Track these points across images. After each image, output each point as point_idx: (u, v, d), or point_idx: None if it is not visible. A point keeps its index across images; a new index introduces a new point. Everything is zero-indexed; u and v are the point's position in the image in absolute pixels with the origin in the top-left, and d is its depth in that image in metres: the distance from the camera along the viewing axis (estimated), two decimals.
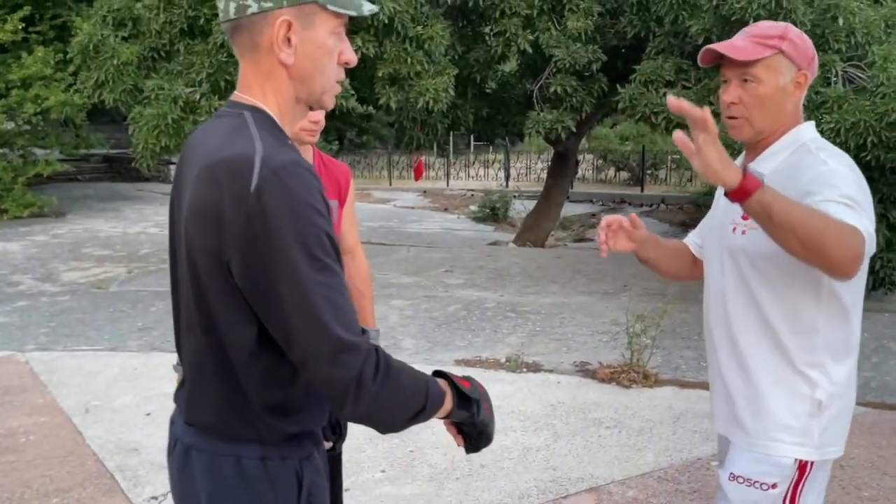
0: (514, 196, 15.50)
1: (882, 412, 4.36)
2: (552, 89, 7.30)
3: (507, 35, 7.12)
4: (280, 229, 1.07)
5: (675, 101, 1.43)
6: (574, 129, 7.82)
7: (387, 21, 5.87)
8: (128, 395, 4.58)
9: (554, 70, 7.30)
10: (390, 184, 19.93)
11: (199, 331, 1.19)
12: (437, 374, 1.31)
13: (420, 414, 1.19)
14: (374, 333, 2.49)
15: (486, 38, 7.41)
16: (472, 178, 20.57)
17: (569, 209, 13.97)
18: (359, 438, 3.92)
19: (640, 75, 6.73)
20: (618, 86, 7.01)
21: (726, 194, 1.44)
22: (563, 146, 9.98)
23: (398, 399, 1.16)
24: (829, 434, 1.68)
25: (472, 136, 21.15)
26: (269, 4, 1.16)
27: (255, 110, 1.20)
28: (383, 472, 3.60)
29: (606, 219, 1.90)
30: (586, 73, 7.43)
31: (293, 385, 1.22)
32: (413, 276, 8.23)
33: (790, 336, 1.66)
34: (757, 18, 5.76)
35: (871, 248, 1.47)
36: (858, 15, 6.12)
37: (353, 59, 1.25)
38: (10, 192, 11.79)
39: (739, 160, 1.79)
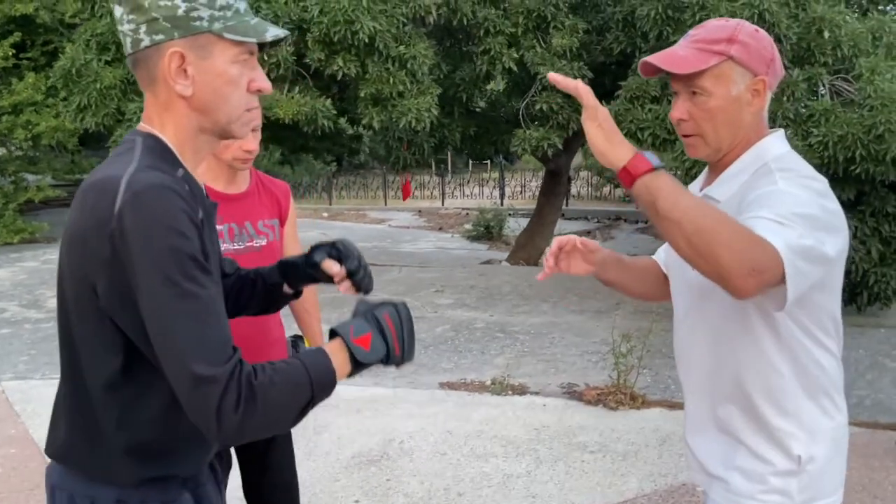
0: (509, 214, 15.44)
1: (875, 432, 4.24)
2: (538, 107, 7.25)
3: (492, 53, 7.08)
4: (140, 253, 1.05)
5: (554, 76, 1.32)
6: (562, 147, 7.76)
7: (367, 41, 5.82)
8: None
9: (540, 88, 7.25)
10: (385, 203, 19.89)
11: (63, 360, 1.19)
12: (333, 333, 1.24)
13: (309, 405, 1.14)
14: None
15: (473, 56, 7.37)
16: (468, 196, 20.53)
17: (564, 226, 13.90)
18: (334, 467, 3.81)
19: (626, 91, 6.68)
20: (603, 102, 6.95)
21: (619, 179, 1.30)
22: (554, 164, 9.92)
23: (273, 413, 1.10)
24: (815, 488, 1.46)
25: (468, 155, 21.16)
26: (161, 37, 1.14)
27: (148, 136, 1.19)
28: (357, 501, 3.49)
29: (558, 240, 1.69)
30: None
31: (156, 426, 1.17)
32: (403, 297, 8.11)
33: (756, 384, 1.45)
34: None
35: (812, 268, 1.26)
36: (844, 27, 6.07)
37: (265, 86, 1.22)
38: (1, 218, 11.75)
39: (701, 178, 1.60)
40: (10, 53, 11.78)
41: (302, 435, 4.00)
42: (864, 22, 6.49)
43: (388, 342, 1.23)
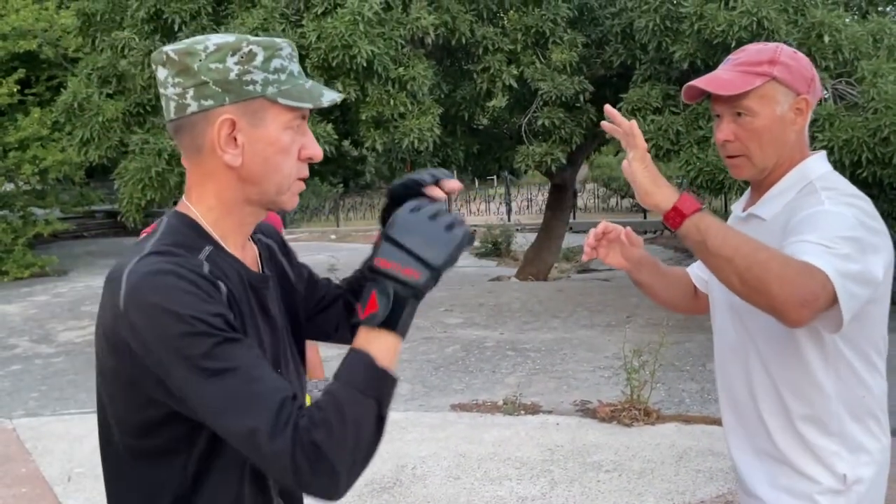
0: (517, 229, 15.41)
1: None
2: (540, 122, 7.24)
3: (492, 71, 7.09)
4: (156, 345, 0.99)
5: (611, 110, 1.38)
6: (565, 161, 7.74)
7: (366, 64, 5.83)
8: None
9: (541, 103, 7.24)
10: None
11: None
12: (356, 324, 1.07)
13: (381, 411, 1.02)
14: (323, 384, 2.46)
15: (473, 75, 7.38)
16: (474, 213, 20.53)
17: (572, 240, 13.84)
18: (347, 496, 3.75)
19: (627, 103, 6.66)
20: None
21: (663, 219, 1.32)
22: (559, 178, 9.89)
23: (351, 452, 0.99)
24: None
25: (472, 172, 21.21)
26: (210, 103, 1.06)
27: (175, 214, 1.13)
28: None
29: (605, 224, 1.66)
30: (574, 105, 7.37)
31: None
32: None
33: (799, 403, 1.45)
34: (739, 41, 5.69)
35: (862, 289, 1.28)
36: (844, 31, 6.04)
37: (317, 153, 1.14)
38: (11, 253, 11.82)
39: (745, 196, 1.62)
40: (16, 90, 11.90)
41: None
42: (864, 25, 6.45)
43: (399, 279, 1.02)
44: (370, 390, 1.01)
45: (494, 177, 22.70)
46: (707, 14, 5.86)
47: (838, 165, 5.73)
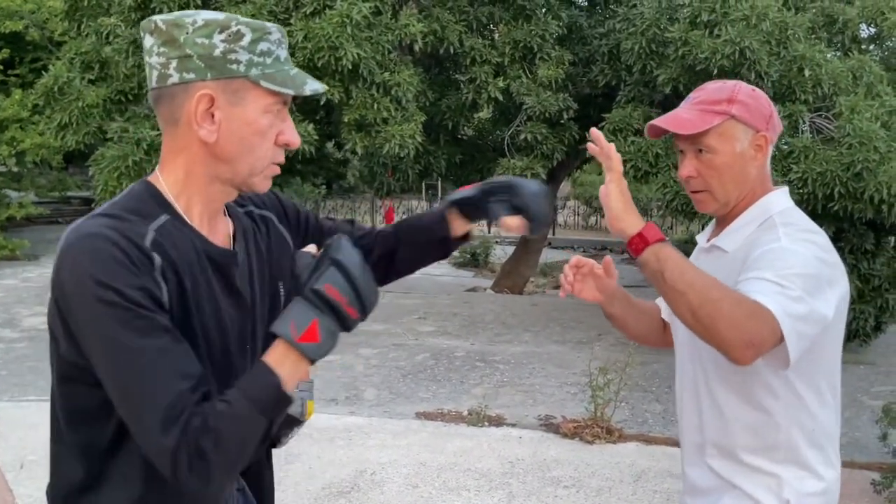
0: (496, 241, 15.44)
1: (852, 471, 4.19)
2: (523, 136, 7.28)
3: (479, 82, 7.13)
4: (76, 308, 1.01)
5: (596, 132, 1.43)
6: (546, 177, 7.78)
7: (351, 67, 5.84)
8: None
9: (525, 118, 7.29)
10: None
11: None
12: (273, 335, 1.09)
13: (269, 430, 1.06)
14: (306, 385, 2.41)
15: (459, 85, 7.41)
16: None
17: (550, 255, 13.91)
18: (303, 498, 3.74)
19: (610, 123, 6.72)
20: (587, 134, 7.01)
21: (626, 245, 1.36)
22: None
23: (229, 459, 1.03)
24: None
25: (454, 182, 21.22)
26: (192, 76, 1.07)
27: (142, 182, 1.14)
28: None
29: (577, 259, 1.67)
30: (558, 121, 7.42)
31: (149, 483, 1.11)
32: (384, 324, 8.07)
33: (747, 433, 1.48)
34: (720, 69, 5.77)
35: (810, 328, 1.31)
36: (825, 66, 6.15)
37: (294, 140, 1.14)
38: None
39: (709, 229, 1.64)
40: None
41: (272, 464, 3.92)
42: (845, 61, 6.58)
43: (341, 315, 1.06)
44: (268, 411, 1.04)
45: None
46: (692, 40, 5.94)
47: (811, 197, 5.83)
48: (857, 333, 6.52)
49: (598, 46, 7.59)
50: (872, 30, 7.94)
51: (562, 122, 7.49)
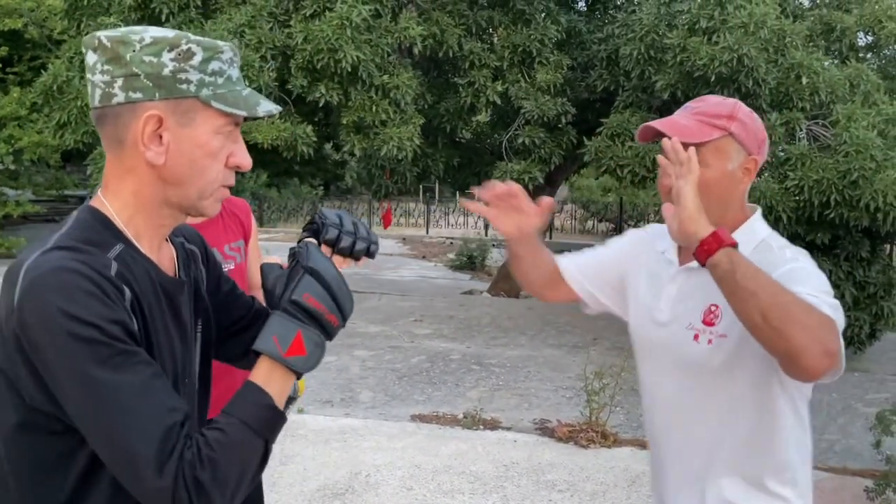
0: (493, 244, 15.45)
1: (844, 478, 4.22)
2: (520, 140, 7.29)
3: (477, 86, 7.14)
4: (46, 349, 0.94)
5: (668, 143, 1.38)
6: (543, 181, 7.80)
7: (350, 69, 5.85)
8: None
9: (523, 122, 7.30)
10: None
11: None
12: (257, 352, 1.05)
13: (266, 451, 1.01)
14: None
15: (458, 88, 7.43)
16: (452, 225, 20.57)
17: None
18: (297, 500, 3.74)
19: (607, 129, 6.74)
20: (584, 138, 7.03)
21: (695, 252, 1.29)
22: (537, 197, 9.96)
23: (231, 486, 0.98)
24: None
25: (451, 185, 21.32)
26: (138, 95, 1.02)
27: (88, 209, 1.07)
28: None
29: (516, 189, 1.58)
30: (556, 125, 7.44)
31: None
32: (381, 326, 8.08)
33: (763, 456, 1.44)
34: (719, 76, 5.80)
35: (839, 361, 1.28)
36: (822, 74, 6.18)
37: (245, 162, 1.09)
38: None
39: (672, 245, 1.54)
40: None
41: (268, 465, 3.92)
42: (842, 69, 6.61)
43: (323, 324, 1.04)
44: (264, 431, 1.00)
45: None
46: (690, 47, 5.96)
47: (808, 205, 5.85)
48: (853, 341, 6.54)
49: (597, 51, 7.61)
50: (870, 38, 7.98)
51: (560, 126, 7.51)
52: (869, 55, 8.43)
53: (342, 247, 1.16)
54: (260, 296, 2.37)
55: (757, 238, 1.47)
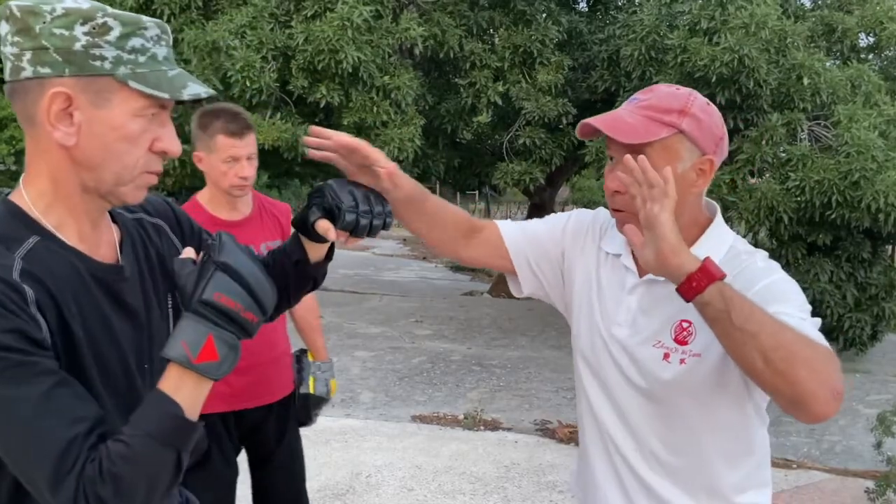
0: None
1: (845, 479, 4.21)
2: (521, 141, 7.29)
3: (478, 87, 7.14)
4: None
5: (630, 161, 1.19)
6: (544, 181, 7.79)
7: (351, 70, 5.85)
8: None
9: (524, 122, 7.30)
10: None
11: None
12: (164, 359, 0.98)
13: (179, 459, 0.94)
14: (326, 366, 2.56)
15: (459, 89, 7.43)
16: None
17: None
18: None
19: None
20: (585, 139, 7.02)
21: (679, 288, 1.14)
22: (538, 198, 9.97)
23: (137, 497, 0.92)
24: None
25: (452, 186, 21.32)
26: (47, 70, 0.95)
27: (3, 202, 1.01)
28: None
29: (361, 145, 1.27)
30: (557, 126, 7.43)
31: None
32: (381, 326, 8.08)
33: (727, 469, 1.34)
34: (719, 77, 5.79)
35: None
36: (824, 75, 6.17)
37: (173, 149, 1.03)
38: None
39: (624, 250, 1.39)
40: None
41: None
42: (844, 70, 6.60)
43: (239, 322, 0.96)
44: (173, 442, 0.93)
45: (476, 192, 22.85)
46: (691, 48, 5.96)
47: (809, 205, 5.84)
48: (854, 342, 6.53)
49: (598, 52, 7.61)
50: (871, 39, 7.97)
51: (561, 127, 7.50)
52: (870, 56, 8.42)
53: (360, 226, 1.10)
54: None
55: (724, 245, 1.31)
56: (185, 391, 0.95)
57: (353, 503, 3.74)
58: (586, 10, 9.09)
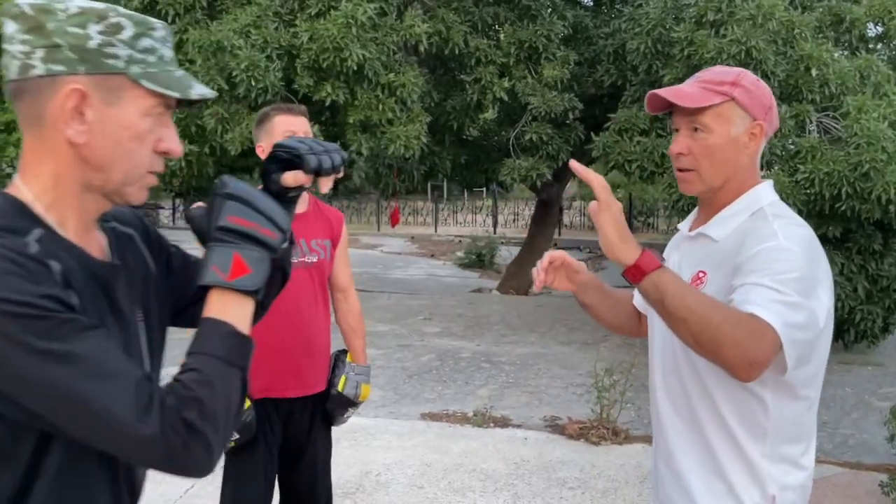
0: (501, 242, 15.44)
1: (858, 473, 4.18)
2: (528, 137, 7.27)
3: (484, 83, 7.12)
4: None
5: (574, 164, 1.41)
6: (551, 177, 7.77)
7: (356, 68, 5.84)
8: None
9: (530, 118, 7.28)
10: (378, 229, 19.90)
11: None
12: (204, 287, 1.01)
13: (244, 376, 0.98)
14: (361, 369, 2.60)
15: (464, 85, 7.41)
16: (461, 223, 20.56)
17: None
18: None
19: (615, 124, 6.70)
20: (592, 134, 6.99)
21: (623, 273, 1.34)
22: (545, 193, 9.94)
23: (220, 420, 0.95)
24: None
25: (460, 183, 21.32)
26: (60, 68, 0.95)
27: (2, 196, 1.00)
28: None
29: (550, 254, 1.71)
30: (563, 122, 7.41)
31: None
32: (390, 324, 8.08)
33: (739, 423, 1.46)
34: None
35: (807, 335, 1.32)
36: (832, 66, 6.12)
37: (176, 149, 1.04)
38: None
39: (692, 216, 1.64)
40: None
41: None
42: (852, 61, 6.54)
43: (259, 239, 1.00)
44: (236, 360, 0.97)
45: (484, 189, 22.83)
46: (697, 40, 5.92)
47: (819, 197, 5.79)
48: (865, 335, 6.48)
49: (604, 46, 7.58)
50: (880, 29, 7.89)
51: (567, 122, 7.48)
52: (879, 46, 8.35)
53: (325, 168, 1.10)
54: (340, 297, 2.60)
55: (757, 205, 1.50)
56: (232, 310, 0.99)
57: (363, 501, 3.74)
58: (591, 4, 9.06)
